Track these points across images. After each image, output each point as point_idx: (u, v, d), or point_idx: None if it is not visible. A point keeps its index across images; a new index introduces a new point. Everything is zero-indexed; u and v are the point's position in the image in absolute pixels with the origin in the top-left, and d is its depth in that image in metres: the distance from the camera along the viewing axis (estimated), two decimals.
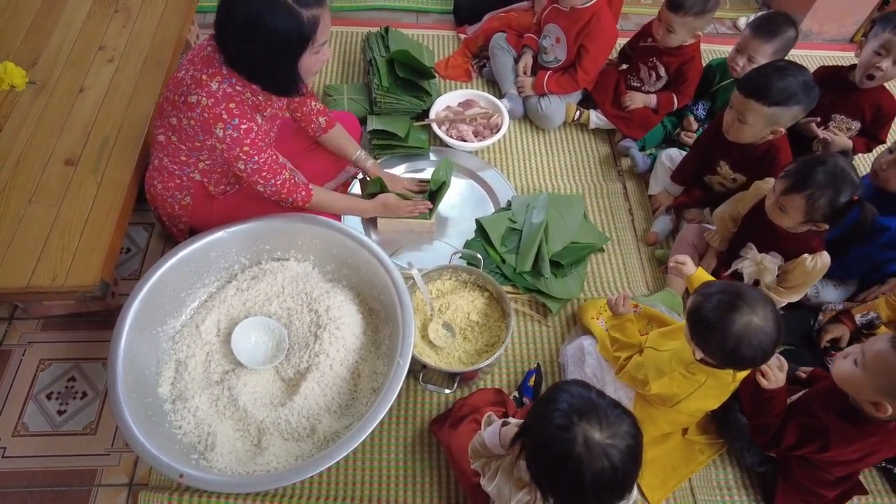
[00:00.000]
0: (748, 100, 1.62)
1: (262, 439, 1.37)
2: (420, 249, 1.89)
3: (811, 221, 1.49)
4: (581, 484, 0.93)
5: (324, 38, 1.34)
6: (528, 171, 2.14)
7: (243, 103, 1.38)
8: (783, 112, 1.61)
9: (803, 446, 1.36)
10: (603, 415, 0.95)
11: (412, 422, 1.57)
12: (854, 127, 1.92)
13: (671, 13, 1.96)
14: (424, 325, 1.63)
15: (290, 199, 1.52)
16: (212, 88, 1.33)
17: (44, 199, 1.63)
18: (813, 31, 2.70)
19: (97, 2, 2.13)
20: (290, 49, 1.31)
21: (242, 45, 1.29)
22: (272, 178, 1.47)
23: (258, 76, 1.36)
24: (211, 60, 1.36)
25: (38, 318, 1.70)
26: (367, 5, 2.74)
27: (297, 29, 1.27)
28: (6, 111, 1.78)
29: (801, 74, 1.61)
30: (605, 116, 2.21)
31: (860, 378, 1.22)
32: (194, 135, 1.41)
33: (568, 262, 1.83)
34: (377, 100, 2.14)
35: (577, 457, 0.92)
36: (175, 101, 1.41)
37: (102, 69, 1.94)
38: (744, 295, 1.19)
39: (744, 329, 1.17)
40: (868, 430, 1.28)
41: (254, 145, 1.39)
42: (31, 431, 1.52)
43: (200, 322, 1.51)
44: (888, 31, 1.70)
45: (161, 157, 1.55)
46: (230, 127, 1.35)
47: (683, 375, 1.31)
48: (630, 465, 0.94)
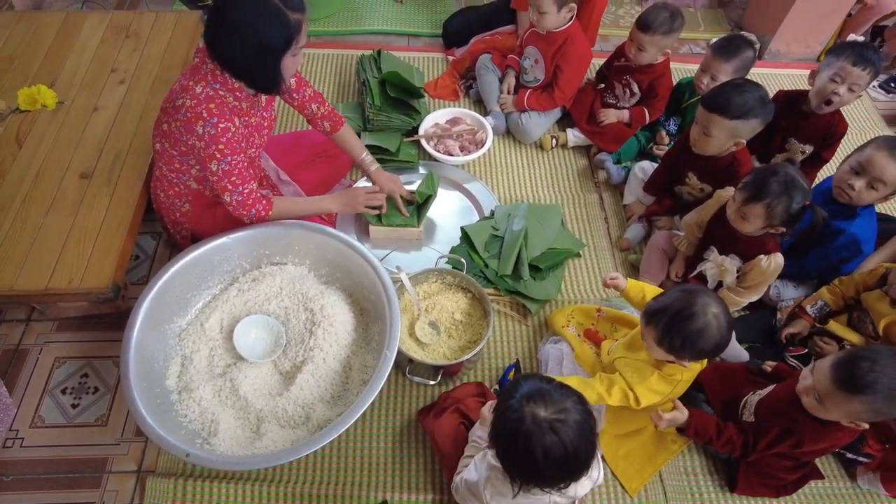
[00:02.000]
0: (711, 114, 1.77)
1: (260, 426, 1.49)
2: (408, 254, 2.02)
3: (770, 226, 1.63)
4: (535, 459, 1.03)
5: (302, 41, 1.50)
6: (511, 183, 2.29)
7: (224, 105, 1.50)
8: (743, 125, 1.76)
9: (778, 445, 1.44)
10: (548, 395, 1.07)
11: (400, 413, 1.70)
12: (808, 150, 2.04)
13: (641, 33, 2.13)
14: (412, 324, 1.76)
15: (253, 211, 1.61)
16: (196, 92, 1.47)
17: (61, 209, 1.77)
18: (781, 52, 2.87)
19: (110, 28, 2.29)
20: (277, 48, 1.45)
21: (233, 46, 1.41)
22: (240, 185, 1.57)
23: (244, 74, 1.49)
24: (198, 69, 1.50)
25: (53, 320, 1.83)
26: (361, 29, 2.91)
27: (285, 30, 1.42)
28: (27, 129, 1.93)
29: (758, 91, 1.76)
30: (582, 132, 2.37)
31: (828, 412, 1.32)
32: (179, 136, 1.54)
33: (546, 266, 1.96)
34: (370, 117, 2.29)
35: (525, 433, 1.03)
36: (166, 108, 1.56)
37: (115, 90, 2.10)
38: (696, 289, 1.34)
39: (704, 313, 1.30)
40: (836, 428, 1.37)
41: (229, 144, 1.50)
42: (47, 423, 1.65)
43: (205, 320, 1.64)
44: (842, 60, 1.84)
45: (161, 165, 1.68)
46: (209, 125, 1.47)
47: (661, 377, 1.43)
48: (579, 438, 1.04)
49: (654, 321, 1.35)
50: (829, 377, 1.28)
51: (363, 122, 2.34)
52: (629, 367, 1.49)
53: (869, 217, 1.78)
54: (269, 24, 1.41)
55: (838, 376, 1.26)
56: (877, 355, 1.25)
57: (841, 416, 1.31)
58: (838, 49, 1.88)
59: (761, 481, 1.60)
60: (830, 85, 1.88)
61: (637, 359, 1.50)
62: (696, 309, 1.31)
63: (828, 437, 1.38)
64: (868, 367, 1.23)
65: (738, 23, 3.09)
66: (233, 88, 1.53)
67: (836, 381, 1.26)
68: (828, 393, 1.29)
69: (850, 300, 1.73)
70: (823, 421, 1.36)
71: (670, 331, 1.33)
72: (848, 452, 1.63)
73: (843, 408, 1.28)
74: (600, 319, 1.81)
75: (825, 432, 1.37)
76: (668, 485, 1.63)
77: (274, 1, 1.41)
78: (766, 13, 2.86)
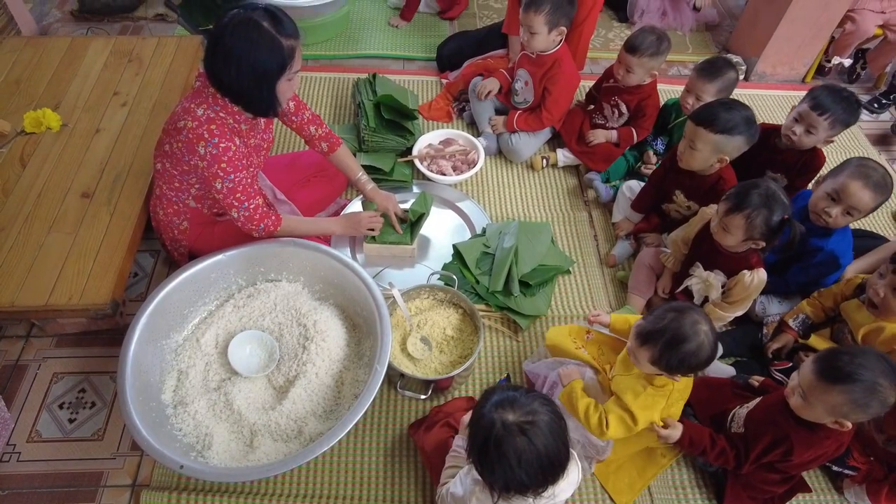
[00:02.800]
0: (698, 128, 1.82)
1: (253, 440, 1.52)
2: (401, 271, 2.07)
3: (751, 239, 1.67)
4: (509, 464, 1.06)
5: (297, 67, 1.55)
6: (502, 201, 2.34)
7: (224, 126, 1.56)
8: (727, 140, 1.81)
9: (769, 455, 1.46)
10: (515, 400, 1.11)
11: (392, 427, 1.72)
12: (781, 181, 2.07)
13: (629, 55, 2.20)
14: (404, 340, 1.79)
15: (262, 225, 1.66)
16: (197, 114, 1.53)
17: (62, 227, 1.82)
18: (767, 73, 2.95)
19: (113, 53, 2.37)
20: (271, 74, 1.50)
21: (230, 71, 1.47)
22: (246, 201, 1.62)
23: (241, 99, 1.55)
24: (199, 92, 1.57)
25: (52, 336, 1.86)
26: (357, 53, 2.99)
27: (278, 56, 1.48)
28: (31, 150, 1.99)
29: (745, 111, 1.81)
30: (572, 152, 2.43)
31: (812, 409, 1.35)
32: (181, 157, 1.59)
33: (536, 283, 2.00)
34: (365, 138, 2.35)
35: (496, 438, 1.07)
36: (168, 130, 1.61)
37: (117, 112, 2.16)
38: (684, 307, 1.38)
39: (696, 332, 1.34)
40: (823, 433, 1.40)
41: (230, 163, 1.56)
42: (44, 438, 1.67)
43: (201, 336, 1.67)
44: (804, 102, 1.91)
45: (161, 185, 1.73)
46: (210, 145, 1.52)
47: (655, 390, 1.46)
48: (549, 439, 1.07)
49: (650, 343, 1.37)
50: (812, 370, 1.33)
51: (359, 143, 2.40)
52: (625, 386, 1.50)
53: (843, 232, 1.83)
54: (262, 51, 1.47)
55: (820, 367, 1.32)
56: (857, 351, 1.32)
57: (824, 412, 1.34)
58: (812, 89, 1.93)
59: (749, 494, 1.61)
60: (792, 124, 1.94)
61: (630, 375, 1.53)
62: (689, 329, 1.34)
63: (817, 444, 1.41)
64: (848, 359, 1.29)
65: (725, 46, 3.17)
66: (233, 111, 1.59)
67: (818, 372, 1.31)
68: (811, 386, 1.33)
69: (829, 311, 1.77)
70: (811, 426, 1.39)
71: (667, 352, 1.35)
72: (834, 465, 1.65)
73: (825, 399, 1.31)
74: (589, 342, 1.82)
75: (814, 439, 1.40)
76: (657, 498, 1.65)
77: (267, 28, 1.46)
78: (752, 37, 2.95)
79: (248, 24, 1.45)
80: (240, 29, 1.45)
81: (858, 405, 1.29)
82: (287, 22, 1.50)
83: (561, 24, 2.19)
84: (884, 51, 2.87)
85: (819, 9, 2.67)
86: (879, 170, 1.73)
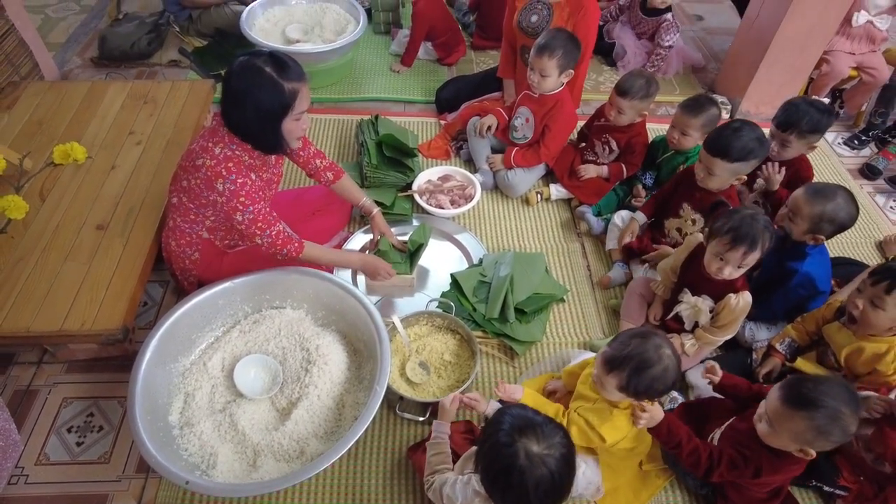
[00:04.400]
0: (714, 158, 1.95)
1: (256, 459, 1.56)
2: (401, 299, 2.14)
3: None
4: (526, 491, 1.10)
5: (302, 107, 1.65)
6: (498, 234, 2.44)
7: (241, 163, 1.67)
8: (743, 165, 1.95)
9: (736, 471, 1.50)
10: (539, 430, 1.14)
11: (391, 450, 1.76)
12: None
13: (620, 98, 2.33)
14: (403, 364, 1.85)
15: (284, 250, 1.75)
16: (215, 152, 1.64)
17: (77, 257, 1.90)
18: (751, 112, 3.08)
19: (130, 96, 2.51)
20: (274, 115, 1.62)
21: (236, 112, 1.60)
22: (267, 229, 1.71)
23: (249, 137, 1.66)
24: (216, 131, 1.68)
25: (63, 363, 1.92)
26: (360, 97, 3.14)
27: (279, 98, 1.59)
28: (50, 185, 2.10)
29: (754, 132, 1.95)
30: (564, 187, 2.54)
31: (778, 436, 1.40)
32: (200, 192, 1.69)
33: (531, 310, 2.07)
34: (367, 174, 2.47)
35: (520, 468, 1.10)
36: (186, 167, 1.71)
37: (132, 150, 2.28)
38: (646, 332, 1.45)
39: (661, 357, 1.40)
40: (791, 458, 1.44)
41: (248, 196, 1.66)
42: (52, 461, 1.71)
43: (207, 360, 1.73)
44: (773, 122, 2.12)
45: (175, 217, 1.83)
46: (228, 181, 1.63)
47: (621, 413, 1.51)
48: (565, 469, 1.12)
49: (617, 369, 1.42)
50: (778, 396, 1.38)
51: (361, 180, 2.51)
52: (590, 413, 1.55)
53: (819, 255, 1.92)
54: (264, 92, 1.58)
55: (785, 394, 1.37)
56: (821, 379, 1.38)
57: (789, 439, 1.38)
58: (782, 107, 2.14)
59: None
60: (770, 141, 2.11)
61: (593, 404, 1.56)
62: (653, 354, 1.39)
63: (782, 468, 1.45)
64: (812, 386, 1.34)
65: (711, 87, 3.33)
66: (247, 148, 1.70)
67: (783, 398, 1.37)
68: (776, 413, 1.38)
69: (813, 335, 1.84)
70: (777, 452, 1.43)
71: (634, 378, 1.40)
72: (825, 486, 1.68)
73: (790, 427, 1.36)
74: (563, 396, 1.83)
75: (780, 464, 1.44)
76: None
77: (269, 72, 1.58)
78: (735, 79, 3.10)
79: (252, 70, 1.58)
80: (244, 74, 1.58)
81: (821, 432, 1.32)
82: (290, 66, 1.62)
83: (570, 66, 2.34)
84: (859, 90, 3.03)
85: (795, 53, 2.83)
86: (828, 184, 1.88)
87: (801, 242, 1.91)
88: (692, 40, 3.74)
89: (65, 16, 3.57)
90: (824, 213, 1.82)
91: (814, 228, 1.85)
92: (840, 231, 1.87)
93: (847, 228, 1.87)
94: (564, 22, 2.49)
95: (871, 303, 1.61)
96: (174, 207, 1.81)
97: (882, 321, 1.61)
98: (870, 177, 2.84)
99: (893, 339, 1.65)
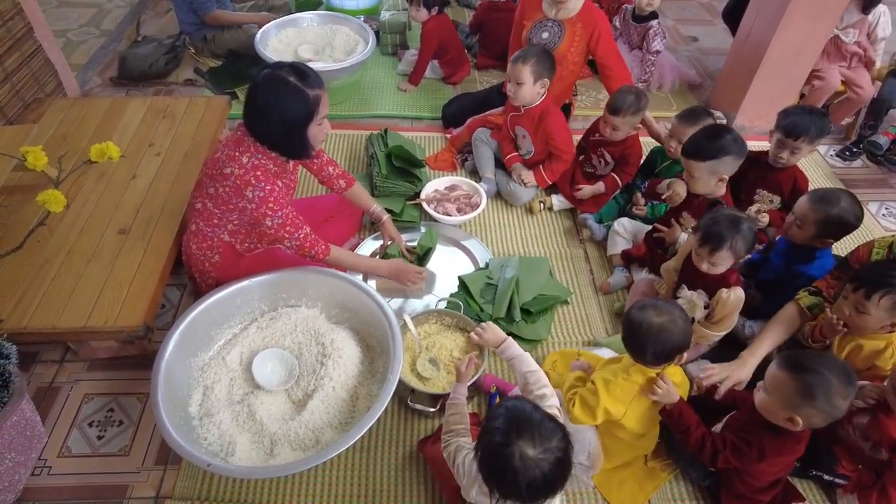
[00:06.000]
0: (689, 160, 2.05)
1: (273, 448, 1.61)
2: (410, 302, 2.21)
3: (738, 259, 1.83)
4: (518, 488, 1.15)
5: (324, 112, 1.76)
6: (504, 240, 2.52)
7: (267, 171, 1.76)
8: (718, 163, 2.03)
9: (742, 456, 1.55)
10: (537, 431, 1.16)
11: (402, 444, 1.81)
12: (776, 200, 2.31)
13: (613, 116, 2.43)
14: (414, 361, 1.92)
15: (312, 252, 1.83)
16: (242, 161, 1.73)
17: (100, 259, 1.98)
18: (746, 126, 3.19)
19: (150, 111, 2.62)
20: (300, 121, 1.71)
21: (263, 121, 1.69)
22: (295, 232, 1.80)
23: (276, 145, 1.76)
24: (241, 141, 1.76)
25: (84, 361, 1.99)
26: (369, 114, 3.26)
27: (305, 105, 1.69)
28: (74, 193, 2.19)
29: (728, 133, 2.04)
30: (565, 198, 2.63)
31: (770, 402, 1.47)
32: (228, 199, 1.78)
33: (536, 311, 2.14)
34: (377, 184, 2.57)
35: (514, 468, 1.14)
36: (213, 175, 1.80)
37: (151, 161, 2.38)
38: (659, 303, 1.53)
39: (659, 324, 1.49)
40: (792, 437, 1.50)
41: (277, 202, 1.75)
42: (74, 453, 1.77)
43: (226, 354, 1.80)
44: (779, 132, 2.18)
45: (198, 221, 1.91)
46: (258, 189, 1.72)
47: (625, 379, 1.59)
48: (557, 472, 1.16)
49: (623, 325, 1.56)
50: (776, 363, 1.46)
51: (371, 190, 2.60)
52: (603, 372, 1.64)
53: (826, 259, 1.98)
54: (290, 102, 1.68)
55: (783, 359, 1.46)
56: (823, 354, 1.49)
57: (779, 405, 1.44)
58: (781, 115, 2.21)
59: (741, 503, 1.68)
60: (778, 150, 2.20)
61: (613, 366, 1.66)
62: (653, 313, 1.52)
63: (784, 448, 1.50)
64: (811, 356, 1.44)
65: (707, 103, 3.44)
66: (271, 157, 1.79)
67: (781, 363, 1.45)
68: (771, 377, 1.45)
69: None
70: (776, 429, 1.49)
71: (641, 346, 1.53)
72: (825, 474, 1.72)
73: (781, 390, 1.42)
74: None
75: (781, 442, 1.49)
76: None
77: (293, 82, 1.68)
78: (729, 94, 3.22)
79: (277, 80, 1.68)
80: (270, 85, 1.68)
81: (806, 395, 1.37)
82: (311, 75, 1.73)
83: (544, 76, 2.43)
84: (844, 106, 3.17)
85: (787, 67, 2.95)
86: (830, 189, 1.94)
87: (809, 246, 1.98)
88: (687, 59, 3.88)
89: (85, 39, 3.73)
90: (831, 217, 1.87)
91: (822, 233, 1.91)
92: (849, 232, 1.92)
93: (855, 229, 1.91)
94: (577, 36, 2.61)
95: (855, 309, 1.65)
96: (198, 212, 1.89)
97: (870, 324, 1.65)
98: (872, 154, 2.95)
99: (891, 335, 1.70)
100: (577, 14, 2.59)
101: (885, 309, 1.59)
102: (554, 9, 2.59)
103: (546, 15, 2.65)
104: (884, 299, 1.58)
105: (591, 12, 2.61)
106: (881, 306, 1.59)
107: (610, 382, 1.60)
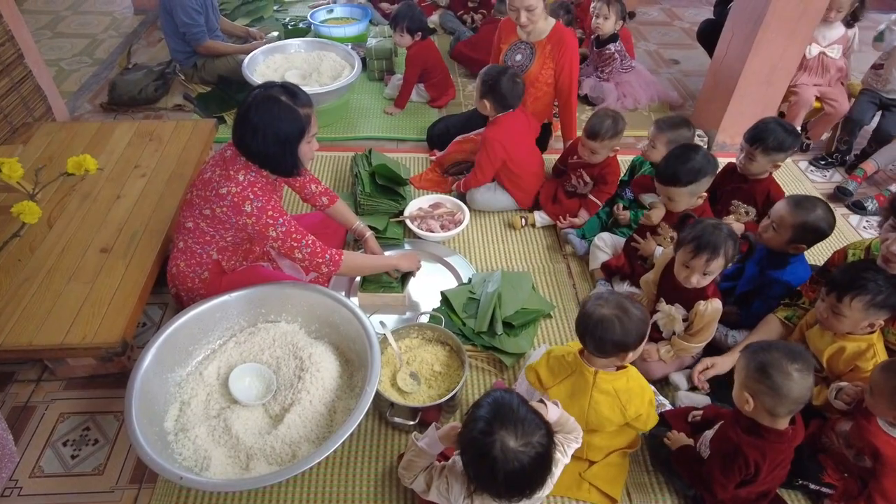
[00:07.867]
0: (668, 187, 2.07)
1: (249, 463, 1.59)
2: (393, 318, 2.20)
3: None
4: (495, 479, 1.15)
5: (314, 130, 1.80)
6: (487, 256, 2.53)
7: (263, 186, 1.79)
8: (697, 186, 2.06)
9: (731, 473, 1.52)
10: (520, 424, 1.17)
11: (381, 459, 1.78)
12: (752, 212, 2.33)
13: (591, 141, 2.48)
14: (394, 375, 1.90)
15: (327, 256, 1.84)
16: (239, 179, 1.75)
17: (81, 277, 1.98)
18: (727, 143, 3.24)
19: (136, 133, 2.66)
20: (293, 139, 1.75)
21: (257, 142, 1.72)
22: (303, 239, 1.81)
23: (268, 163, 1.79)
24: (234, 160, 1.79)
25: (62, 380, 1.97)
26: (355, 136, 3.31)
27: (297, 124, 1.73)
28: (57, 213, 2.21)
29: (698, 152, 2.06)
30: (548, 215, 2.66)
31: (735, 389, 1.48)
32: (226, 219, 1.79)
33: (519, 324, 2.13)
34: (361, 202, 2.59)
35: (492, 458, 1.14)
36: (207, 196, 1.80)
37: (136, 182, 2.40)
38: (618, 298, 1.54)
39: (602, 315, 1.49)
40: (772, 437, 1.48)
41: (275, 210, 1.77)
42: (46, 473, 1.73)
43: (204, 369, 1.78)
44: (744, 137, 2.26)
45: (186, 240, 1.91)
46: (256, 201, 1.74)
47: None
48: (537, 467, 1.16)
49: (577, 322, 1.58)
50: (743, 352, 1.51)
51: (355, 207, 2.63)
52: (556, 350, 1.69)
53: (799, 264, 2.00)
54: (283, 120, 1.73)
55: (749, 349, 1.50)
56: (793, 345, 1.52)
57: (740, 387, 1.47)
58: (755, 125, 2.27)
59: None
60: (738, 154, 2.30)
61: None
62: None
63: (765, 449, 1.48)
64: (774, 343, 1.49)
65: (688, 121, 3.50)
66: (263, 175, 1.83)
67: (745, 350, 1.50)
68: (739, 365, 1.49)
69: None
70: (752, 430, 1.48)
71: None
72: (811, 483, 1.70)
73: (739, 369, 1.48)
74: None
75: (760, 444, 1.48)
76: None
77: (285, 101, 1.73)
78: (709, 113, 3.29)
79: (269, 99, 1.72)
80: (263, 104, 1.72)
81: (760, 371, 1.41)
82: (301, 94, 1.78)
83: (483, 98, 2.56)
84: (821, 121, 3.23)
85: (763, 86, 3.01)
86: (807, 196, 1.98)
87: (782, 252, 2.01)
88: (669, 82, 3.96)
89: (78, 68, 3.80)
90: (807, 223, 1.91)
91: (796, 238, 1.94)
92: (821, 239, 1.96)
93: (827, 237, 1.96)
94: (547, 58, 2.69)
95: (832, 311, 1.68)
96: (187, 231, 1.89)
97: (846, 326, 1.68)
98: (843, 199, 2.96)
99: (871, 336, 1.71)
100: (546, 37, 2.70)
101: (859, 310, 1.60)
102: (524, 32, 2.70)
103: (519, 38, 2.75)
104: (855, 301, 1.59)
105: (563, 40, 2.70)
106: (854, 308, 1.60)
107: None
